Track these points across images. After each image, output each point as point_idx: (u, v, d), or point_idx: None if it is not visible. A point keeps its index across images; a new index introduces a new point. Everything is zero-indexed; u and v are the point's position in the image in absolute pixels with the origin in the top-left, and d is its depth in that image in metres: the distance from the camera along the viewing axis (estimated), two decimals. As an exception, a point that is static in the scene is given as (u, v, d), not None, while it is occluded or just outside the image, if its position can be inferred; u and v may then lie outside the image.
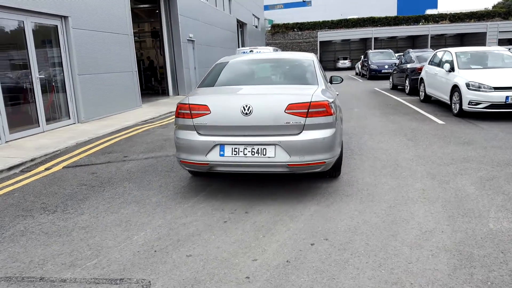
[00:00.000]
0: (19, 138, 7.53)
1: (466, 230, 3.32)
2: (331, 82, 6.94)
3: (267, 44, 46.87)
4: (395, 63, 16.92)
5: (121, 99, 11.21)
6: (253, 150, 3.92)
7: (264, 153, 3.90)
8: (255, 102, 3.91)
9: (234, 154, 3.95)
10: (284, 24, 52.17)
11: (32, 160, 6.06)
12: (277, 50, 17.12)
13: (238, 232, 3.45)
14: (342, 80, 7.00)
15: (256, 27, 34.81)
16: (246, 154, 3.93)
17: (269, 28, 52.89)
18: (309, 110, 3.87)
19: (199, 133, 4.09)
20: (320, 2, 57.54)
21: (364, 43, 43.69)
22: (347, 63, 40.55)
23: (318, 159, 3.94)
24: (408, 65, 14.17)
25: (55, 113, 8.93)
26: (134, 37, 20.12)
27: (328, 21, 50.93)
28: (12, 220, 3.96)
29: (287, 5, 60.89)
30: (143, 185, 4.91)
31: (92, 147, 7.09)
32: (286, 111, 3.86)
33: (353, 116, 9.63)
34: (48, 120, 8.59)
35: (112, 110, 10.77)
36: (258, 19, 35.51)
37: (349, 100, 13.01)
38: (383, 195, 4.22)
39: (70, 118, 9.25)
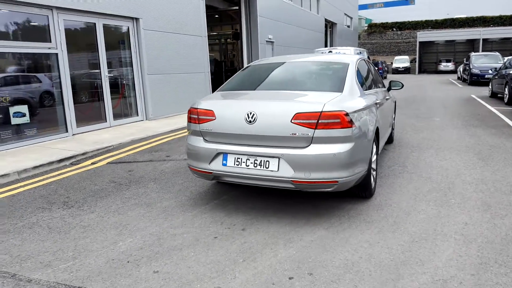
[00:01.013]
0: (85, 132, 8.15)
1: (494, 285, 2.59)
2: (389, 88, 6.24)
3: (361, 45, 44.99)
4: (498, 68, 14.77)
5: (191, 99, 11.55)
6: (255, 161, 3.59)
7: (267, 166, 3.54)
8: (260, 110, 3.57)
9: (237, 165, 3.66)
10: (381, 23, 49.59)
11: (83, 154, 6.47)
12: (359, 53, 16.14)
13: (220, 252, 3.16)
14: (403, 85, 6.24)
15: (349, 26, 33.55)
16: (248, 166, 3.61)
17: (366, 28, 50.71)
18: (319, 121, 3.40)
19: (205, 140, 3.88)
20: (425, 1, 53.36)
21: (472, 45, 39.33)
22: (450, 65, 36.93)
23: (329, 178, 3.45)
24: (510, 71, 12.24)
25: (126, 110, 9.51)
26: (227, 39, 20.73)
27: (431, 20, 47.08)
28: (32, 212, 4.19)
29: (387, 4, 57.73)
30: (165, 187, 4.87)
31: (143, 145, 7.35)
32: (292, 121, 3.45)
33: (429, 126, 8.58)
34: (119, 116, 9.17)
35: (181, 109, 11.14)
36: (351, 18, 34.17)
37: (434, 108, 11.70)
38: (411, 226, 3.55)
39: (138, 115, 9.78)
